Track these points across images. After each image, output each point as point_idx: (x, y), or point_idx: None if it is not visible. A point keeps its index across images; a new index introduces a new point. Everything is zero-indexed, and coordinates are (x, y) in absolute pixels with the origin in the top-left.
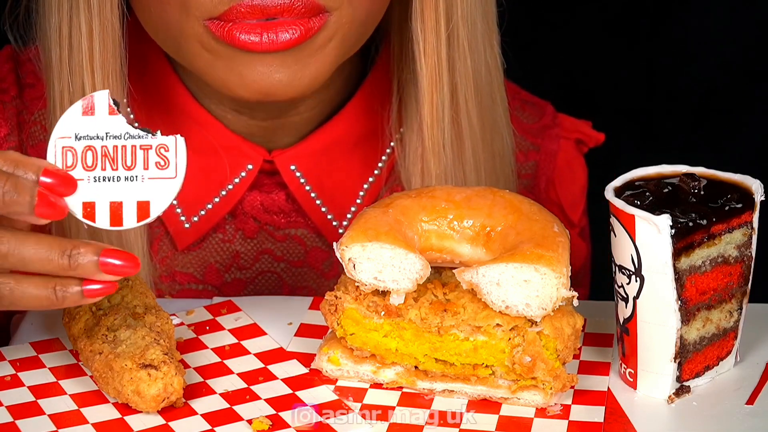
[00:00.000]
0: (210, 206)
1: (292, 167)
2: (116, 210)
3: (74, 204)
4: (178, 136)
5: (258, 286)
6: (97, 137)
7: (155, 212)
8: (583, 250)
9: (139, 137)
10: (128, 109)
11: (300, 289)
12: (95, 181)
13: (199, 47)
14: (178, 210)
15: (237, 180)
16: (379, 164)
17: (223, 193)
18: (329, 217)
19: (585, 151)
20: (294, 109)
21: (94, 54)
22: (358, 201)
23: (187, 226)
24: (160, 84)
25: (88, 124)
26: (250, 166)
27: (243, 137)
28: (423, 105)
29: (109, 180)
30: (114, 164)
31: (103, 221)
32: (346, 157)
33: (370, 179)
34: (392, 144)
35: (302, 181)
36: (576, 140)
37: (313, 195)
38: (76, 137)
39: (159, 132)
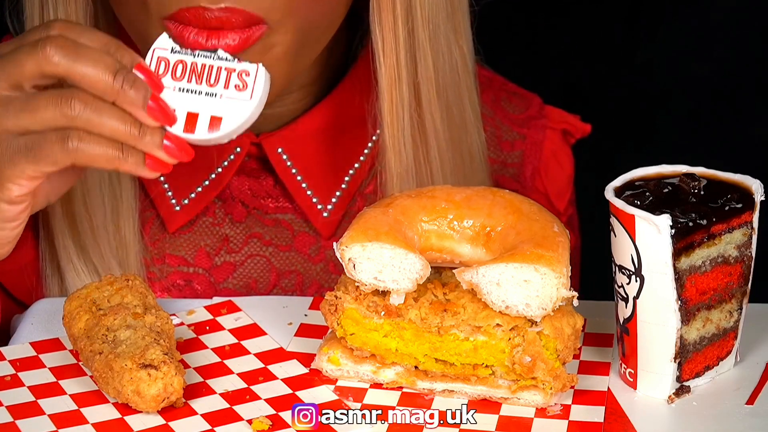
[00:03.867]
0: (200, 189)
1: (279, 150)
2: (192, 119)
3: None
4: (260, 64)
5: (247, 269)
6: (190, 54)
7: (225, 128)
8: (572, 240)
9: (227, 60)
10: None
11: (288, 273)
12: (179, 91)
13: None
14: (169, 193)
15: (225, 163)
16: (365, 151)
17: (212, 176)
18: (314, 200)
19: (572, 142)
20: (279, 100)
21: None
22: (343, 186)
23: (177, 209)
24: None
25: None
26: (237, 149)
27: None
28: (383, 102)
29: (191, 92)
30: (199, 80)
31: (177, 127)
32: (332, 143)
33: (356, 165)
34: (378, 132)
35: (289, 164)
36: (562, 131)
37: (299, 179)
38: (172, 50)
39: (248, 62)
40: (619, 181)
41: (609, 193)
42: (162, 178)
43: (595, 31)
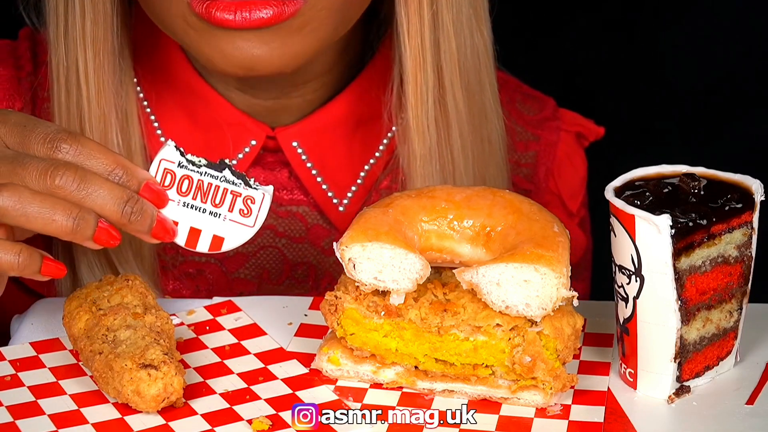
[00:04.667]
0: None
1: (294, 143)
2: (194, 235)
3: None
4: (267, 191)
5: (260, 260)
6: (197, 171)
7: (225, 248)
8: (583, 242)
9: (234, 184)
10: (142, 96)
11: (300, 265)
12: (184, 206)
13: (184, 24)
14: None
15: (240, 155)
16: (380, 146)
17: None
18: (330, 194)
19: (586, 144)
20: (296, 90)
21: (86, 31)
22: (359, 181)
23: None
24: (168, 63)
25: (192, 158)
26: (253, 142)
27: (247, 115)
28: (408, 85)
29: (196, 209)
30: (204, 198)
31: (180, 239)
32: (348, 137)
33: (371, 161)
34: (394, 128)
35: (304, 158)
36: (576, 133)
37: (314, 172)
38: (179, 164)
39: (253, 180)
40: (619, 181)
41: (609, 193)
42: None
43: (596, 31)
